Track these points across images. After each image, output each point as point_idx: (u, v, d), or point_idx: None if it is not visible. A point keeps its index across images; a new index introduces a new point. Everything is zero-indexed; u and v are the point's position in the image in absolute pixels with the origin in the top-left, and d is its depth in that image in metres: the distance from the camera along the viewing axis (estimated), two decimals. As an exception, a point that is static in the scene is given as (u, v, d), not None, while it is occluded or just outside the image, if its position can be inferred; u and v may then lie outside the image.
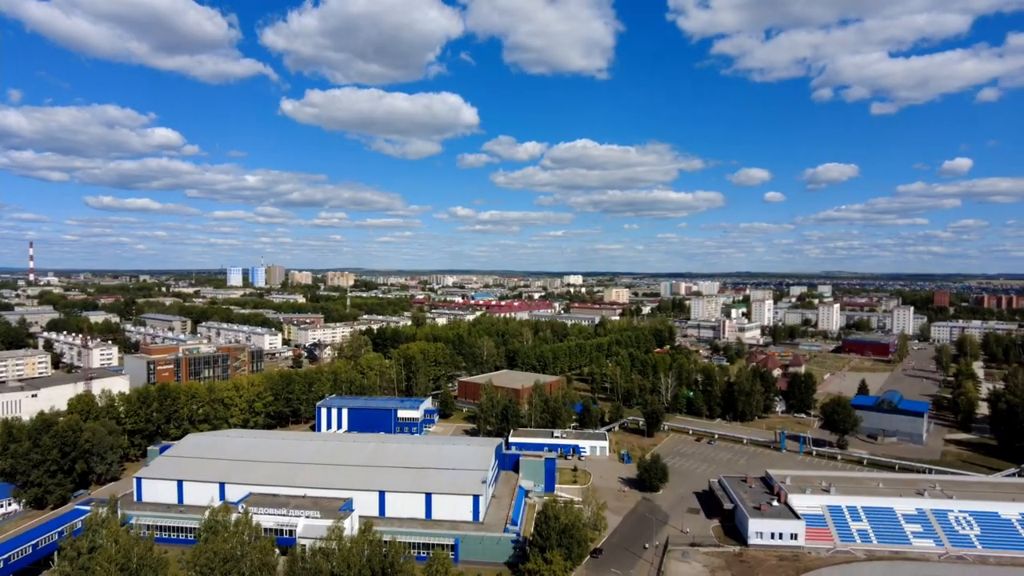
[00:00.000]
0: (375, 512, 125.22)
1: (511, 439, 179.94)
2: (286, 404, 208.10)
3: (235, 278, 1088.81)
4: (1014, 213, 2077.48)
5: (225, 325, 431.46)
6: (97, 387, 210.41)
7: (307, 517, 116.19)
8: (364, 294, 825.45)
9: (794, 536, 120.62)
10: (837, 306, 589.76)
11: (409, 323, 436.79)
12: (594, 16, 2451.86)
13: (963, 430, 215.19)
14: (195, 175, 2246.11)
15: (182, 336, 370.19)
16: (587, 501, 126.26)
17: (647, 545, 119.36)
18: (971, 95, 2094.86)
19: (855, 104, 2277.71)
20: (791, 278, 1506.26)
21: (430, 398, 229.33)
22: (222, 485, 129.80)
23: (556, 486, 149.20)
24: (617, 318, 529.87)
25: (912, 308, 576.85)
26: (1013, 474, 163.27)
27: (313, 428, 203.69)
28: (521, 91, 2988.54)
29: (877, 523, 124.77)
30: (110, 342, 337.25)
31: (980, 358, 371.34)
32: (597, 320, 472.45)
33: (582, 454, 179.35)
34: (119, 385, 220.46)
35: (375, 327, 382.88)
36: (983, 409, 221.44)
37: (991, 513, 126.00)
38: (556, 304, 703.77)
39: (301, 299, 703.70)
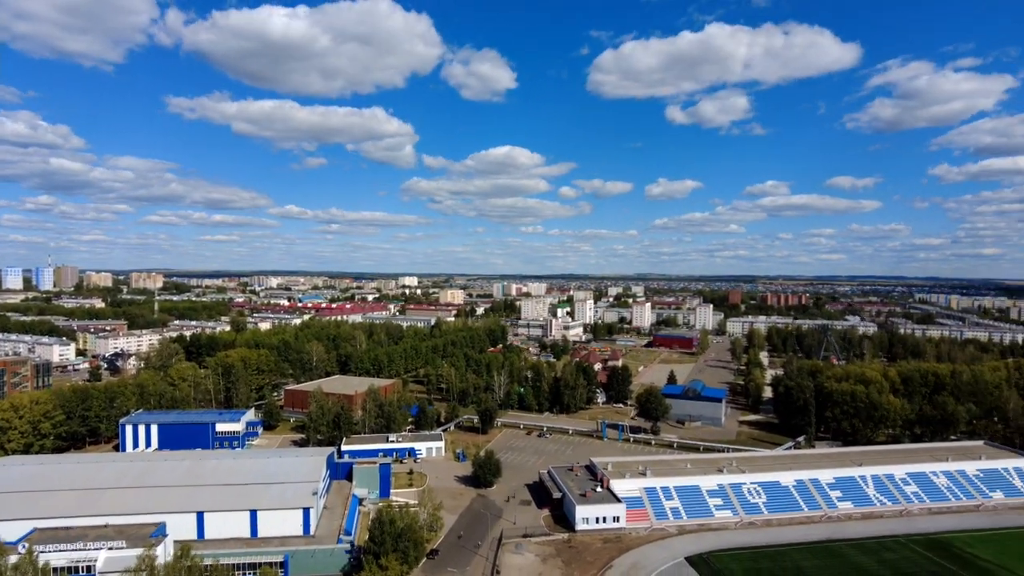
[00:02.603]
0: (193, 535, 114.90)
1: (344, 447, 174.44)
2: (82, 423, 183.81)
3: (12, 280, 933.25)
4: (791, 226, 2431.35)
5: (1, 335, 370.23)
6: None
7: (110, 548, 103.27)
8: (175, 297, 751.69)
9: (616, 519, 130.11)
10: (648, 305, 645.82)
11: (228, 328, 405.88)
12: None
13: (753, 412, 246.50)
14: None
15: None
16: (423, 503, 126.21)
17: (479, 543, 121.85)
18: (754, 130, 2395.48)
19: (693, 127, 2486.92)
20: (609, 279, 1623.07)
21: (253, 409, 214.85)
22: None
23: (392, 491, 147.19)
24: (452, 319, 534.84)
25: (711, 306, 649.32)
26: (790, 447, 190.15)
27: (117, 448, 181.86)
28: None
29: (686, 500, 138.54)
30: None
31: (765, 349, 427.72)
32: (433, 322, 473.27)
33: (418, 456, 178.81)
34: None
35: (188, 333, 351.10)
36: (768, 393, 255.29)
37: (774, 482, 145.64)
38: (391, 306, 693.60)
39: (100, 303, 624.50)
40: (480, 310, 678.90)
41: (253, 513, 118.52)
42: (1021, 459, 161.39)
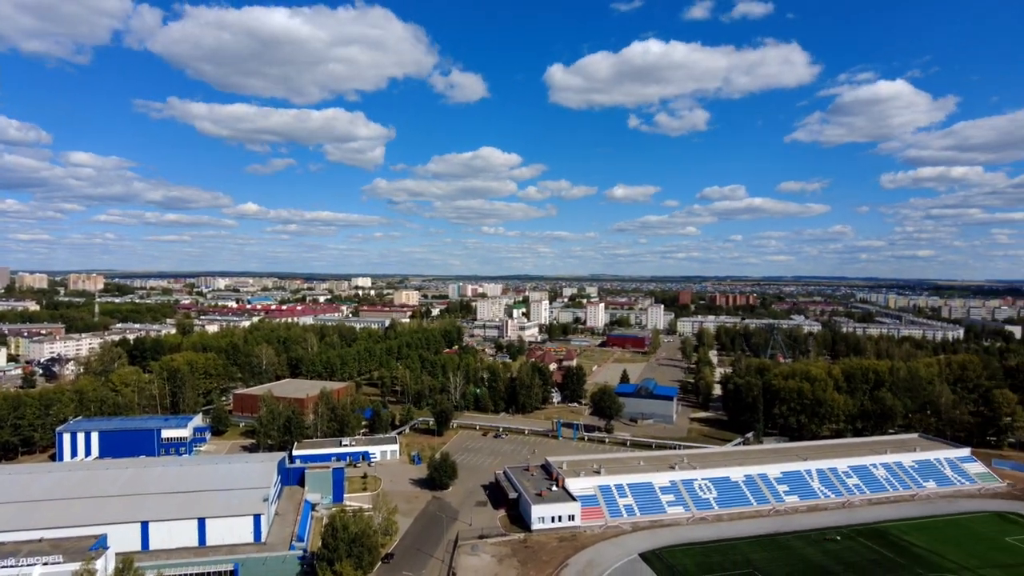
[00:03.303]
0: (136, 546, 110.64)
1: (295, 452, 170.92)
2: (14, 432, 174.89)
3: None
4: (743, 229, 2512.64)
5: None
6: None
7: (45, 564, 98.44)
8: (118, 300, 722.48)
9: (571, 517, 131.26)
10: (602, 305, 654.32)
11: (174, 331, 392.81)
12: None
13: (703, 409, 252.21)
14: None
15: None
16: (377, 507, 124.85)
17: (435, 546, 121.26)
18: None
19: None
20: (564, 280, 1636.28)
21: (200, 414, 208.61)
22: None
23: (345, 495, 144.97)
24: (407, 321, 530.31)
25: (663, 306, 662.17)
26: (739, 443, 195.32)
27: (53, 458, 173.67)
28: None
29: (640, 497, 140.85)
30: None
31: (715, 347, 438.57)
32: (387, 323, 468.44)
33: (372, 460, 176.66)
34: None
35: (132, 337, 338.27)
36: (718, 390, 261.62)
37: (724, 478, 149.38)
38: (344, 308, 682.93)
39: (34, 306, 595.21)
40: (436, 311, 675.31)
41: (201, 521, 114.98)
42: (952, 450, 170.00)
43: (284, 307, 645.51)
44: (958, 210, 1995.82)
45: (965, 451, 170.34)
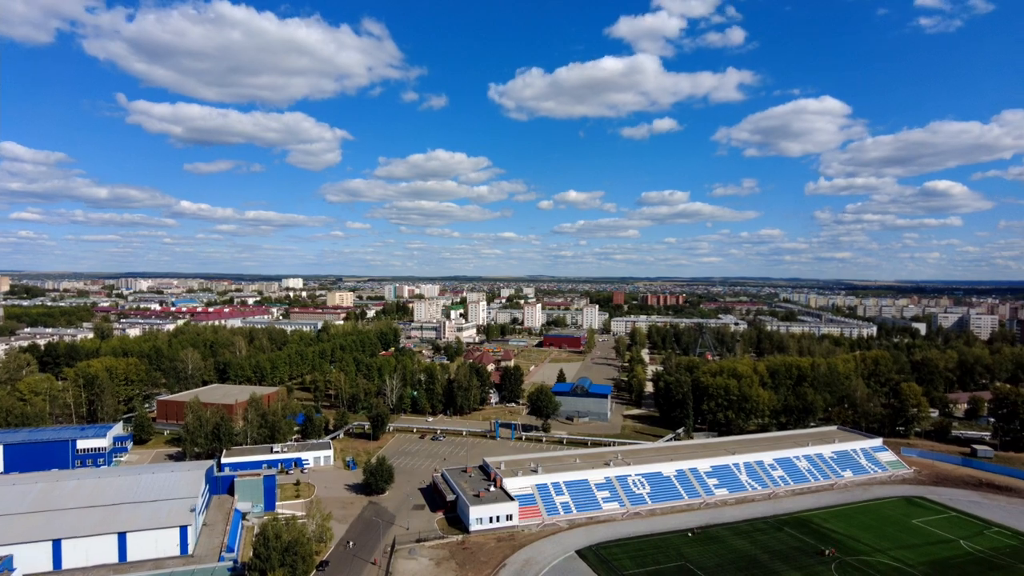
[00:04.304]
0: (48, 566, 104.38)
1: (224, 460, 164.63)
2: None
3: None
4: (678, 232, 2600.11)
5: None
6: None
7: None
8: (26, 303, 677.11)
9: (509, 517, 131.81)
10: (539, 306, 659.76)
11: (91, 336, 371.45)
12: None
13: (636, 406, 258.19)
14: None
15: None
16: (311, 514, 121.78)
17: (374, 560, 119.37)
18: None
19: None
20: (502, 281, 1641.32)
21: (121, 423, 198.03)
22: None
23: (278, 503, 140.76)
24: (341, 323, 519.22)
25: (597, 306, 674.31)
26: (671, 439, 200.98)
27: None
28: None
29: (576, 494, 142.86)
30: None
31: (647, 346, 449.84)
32: (320, 325, 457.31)
33: (305, 466, 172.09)
34: None
35: (43, 342, 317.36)
36: (650, 388, 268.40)
37: (657, 473, 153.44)
38: (274, 310, 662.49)
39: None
40: (371, 313, 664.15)
41: (122, 536, 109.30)
42: (866, 441, 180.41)
43: (211, 309, 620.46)
44: (876, 215, 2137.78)
45: (878, 441, 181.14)
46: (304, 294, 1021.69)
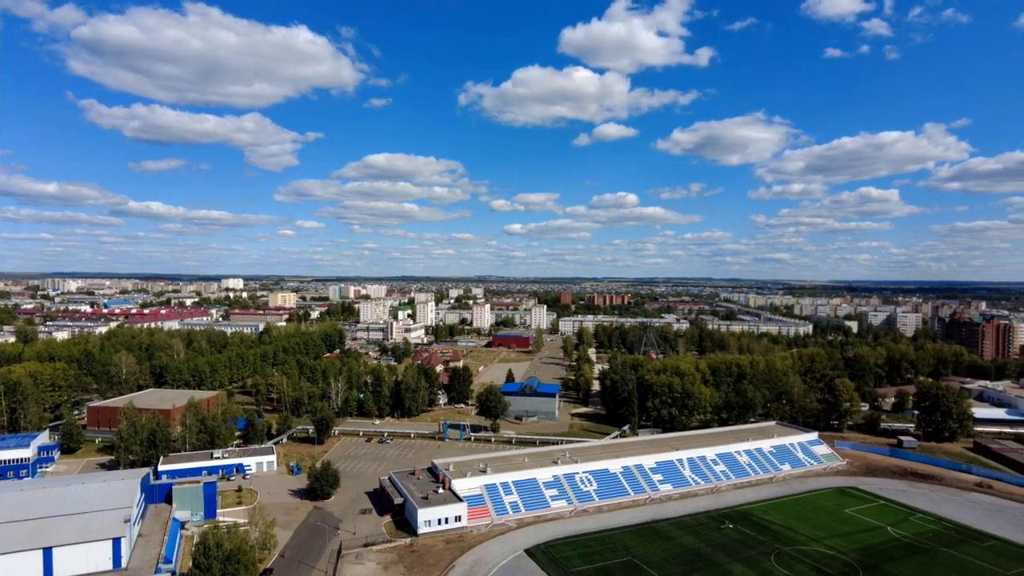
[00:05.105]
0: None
1: (161, 467, 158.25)
2: None
3: None
4: (627, 234, 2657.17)
5: None
6: None
7: None
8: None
9: (458, 518, 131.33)
10: (488, 306, 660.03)
11: (13, 340, 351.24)
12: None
13: (584, 404, 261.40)
14: None
15: None
16: (254, 521, 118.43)
17: (316, 567, 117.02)
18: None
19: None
20: (450, 282, 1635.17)
21: (47, 431, 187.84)
22: None
23: (218, 511, 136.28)
24: (284, 324, 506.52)
25: (546, 307, 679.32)
26: (617, 436, 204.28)
27: None
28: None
29: (524, 494, 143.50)
30: None
31: (593, 345, 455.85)
32: (261, 327, 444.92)
33: (247, 472, 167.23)
34: None
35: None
36: (596, 386, 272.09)
37: (603, 470, 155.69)
38: (213, 311, 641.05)
39: None
40: (315, 314, 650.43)
41: (47, 551, 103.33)
42: (803, 435, 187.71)
43: (147, 311, 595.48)
44: (810, 219, 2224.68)
45: (813, 435, 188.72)
46: (245, 295, 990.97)
